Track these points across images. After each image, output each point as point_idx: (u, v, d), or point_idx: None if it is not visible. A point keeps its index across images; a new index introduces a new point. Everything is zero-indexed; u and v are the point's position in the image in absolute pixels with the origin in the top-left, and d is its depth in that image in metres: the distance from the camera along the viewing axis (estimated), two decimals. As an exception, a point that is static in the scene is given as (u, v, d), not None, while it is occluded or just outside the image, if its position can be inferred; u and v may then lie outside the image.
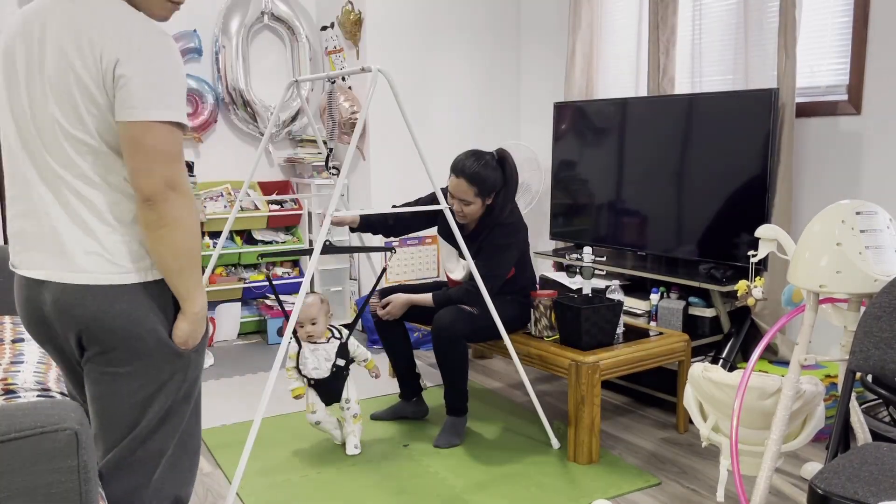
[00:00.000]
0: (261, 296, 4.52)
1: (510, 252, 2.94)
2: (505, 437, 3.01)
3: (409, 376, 3.19)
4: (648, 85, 3.73)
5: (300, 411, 3.29)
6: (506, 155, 2.96)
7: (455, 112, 4.62)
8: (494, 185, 2.89)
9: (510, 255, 2.94)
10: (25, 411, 1.28)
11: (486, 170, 2.87)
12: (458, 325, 2.84)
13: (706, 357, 3.22)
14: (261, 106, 4.52)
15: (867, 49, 2.98)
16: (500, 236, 2.93)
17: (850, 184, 3.08)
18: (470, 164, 2.88)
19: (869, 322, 1.81)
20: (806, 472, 2.59)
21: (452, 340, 2.84)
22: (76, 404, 1.33)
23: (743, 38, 3.38)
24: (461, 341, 2.87)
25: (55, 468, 1.27)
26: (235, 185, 4.56)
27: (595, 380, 2.72)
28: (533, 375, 3.76)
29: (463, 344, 2.89)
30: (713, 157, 3.25)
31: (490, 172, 2.88)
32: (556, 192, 4.03)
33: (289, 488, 2.61)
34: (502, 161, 2.94)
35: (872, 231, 1.92)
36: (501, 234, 2.93)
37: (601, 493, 2.53)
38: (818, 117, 3.16)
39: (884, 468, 1.64)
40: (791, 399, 2.03)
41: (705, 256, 3.30)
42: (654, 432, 3.06)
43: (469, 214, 2.95)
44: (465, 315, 2.88)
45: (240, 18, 4.42)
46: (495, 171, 2.90)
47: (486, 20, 4.67)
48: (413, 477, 2.68)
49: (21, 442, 1.25)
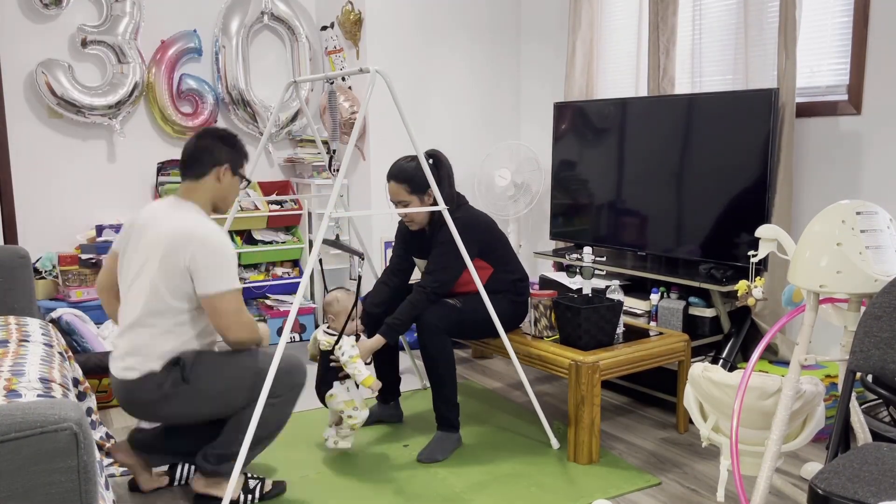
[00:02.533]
0: (261, 296, 4.52)
1: (454, 249, 2.81)
2: (505, 437, 3.01)
3: (391, 379, 3.14)
4: (648, 85, 3.73)
5: (300, 412, 3.30)
6: (436, 153, 2.97)
7: (455, 112, 4.62)
8: (424, 181, 2.82)
9: (454, 253, 2.82)
10: (25, 411, 1.28)
11: (411, 167, 2.88)
12: (443, 321, 2.80)
13: (706, 357, 3.22)
14: (260, 106, 4.52)
15: (867, 49, 2.98)
16: (442, 234, 2.87)
17: (851, 184, 3.08)
18: (397, 166, 2.92)
19: (869, 322, 1.81)
20: (806, 472, 2.59)
21: (436, 334, 2.78)
22: (76, 404, 1.33)
23: (743, 38, 3.38)
24: (445, 336, 2.81)
25: (55, 468, 1.27)
26: (235, 185, 4.56)
27: (595, 380, 2.72)
28: (533, 375, 3.76)
29: (448, 341, 2.82)
30: (713, 158, 3.25)
31: (416, 169, 2.85)
32: (556, 192, 4.03)
33: (288, 488, 2.61)
34: (435, 158, 2.94)
35: (873, 231, 1.92)
36: (444, 232, 2.85)
37: (601, 493, 2.53)
38: (818, 117, 3.16)
39: (884, 468, 1.64)
40: (791, 399, 2.03)
41: (705, 256, 3.30)
42: (654, 432, 3.06)
43: (412, 216, 2.94)
44: (449, 308, 2.85)
45: (240, 18, 4.42)
46: (422, 167, 2.79)
47: (486, 20, 4.67)
48: (413, 477, 2.68)
49: (21, 442, 1.25)
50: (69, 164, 4.21)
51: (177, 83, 4.36)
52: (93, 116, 4.11)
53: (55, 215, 4.20)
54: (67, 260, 3.84)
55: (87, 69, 4.17)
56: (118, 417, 3.26)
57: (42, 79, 3.96)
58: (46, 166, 4.15)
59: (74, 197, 4.24)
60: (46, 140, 4.14)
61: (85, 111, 4.06)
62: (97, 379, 3.29)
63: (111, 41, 4.10)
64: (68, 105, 4.01)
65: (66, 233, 4.22)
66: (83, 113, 4.07)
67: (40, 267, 3.93)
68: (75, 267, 3.84)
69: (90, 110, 4.07)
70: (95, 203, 4.30)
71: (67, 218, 4.23)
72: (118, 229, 4.04)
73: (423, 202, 2.91)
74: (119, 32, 4.10)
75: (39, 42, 4.05)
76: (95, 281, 3.85)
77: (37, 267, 3.92)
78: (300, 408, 3.32)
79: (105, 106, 4.10)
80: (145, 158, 4.40)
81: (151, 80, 4.27)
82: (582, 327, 2.81)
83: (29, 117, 4.08)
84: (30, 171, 4.11)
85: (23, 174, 4.09)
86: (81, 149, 4.24)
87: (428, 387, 3.55)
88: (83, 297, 3.85)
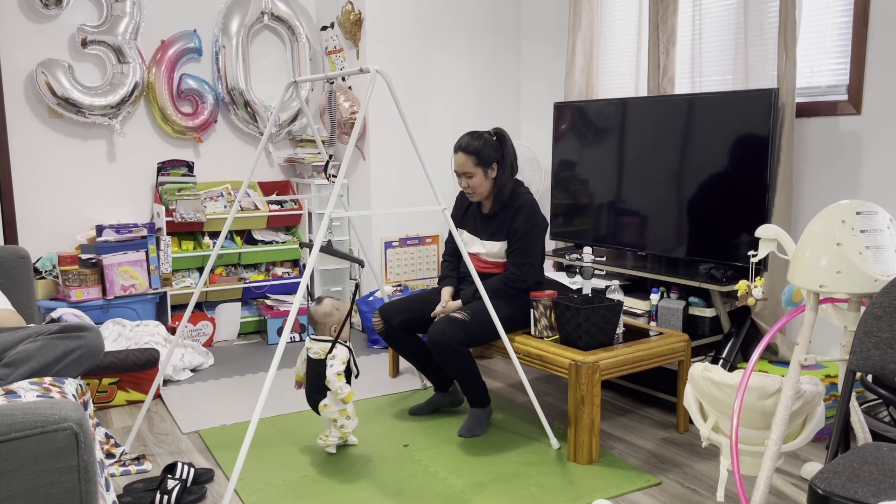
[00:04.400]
0: (261, 296, 4.52)
1: (536, 233, 3.06)
2: (505, 437, 3.01)
3: (436, 370, 3.23)
4: (648, 85, 3.73)
5: (300, 412, 3.30)
6: (502, 132, 3.12)
7: (455, 112, 4.62)
8: (491, 155, 3.04)
9: (538, 238, 3.06)
10: (25, 411, 1.28)
11: (481, 142, 3.04)
12: (453, 336, 2.88)
13: (706, 357, 3.22)
14: (261, 106, 4.52)
15: (867, 49, 2.98)
16: (522, 222, 3.05)
17: (850, 184, 3.08)
18: (465, 139, 3.07)
19: (869, 322, 1.81)
20: (806, 472, 2.60)
21: (451, 349, 2.88)
22: (76, 404, 1.33)
23: (743, 38, 3.38)
24: (458, 348, 2.89)
25: (55, 468, 1.27)
26: (235, 185, 4.57)
27: (595, 380, 2.72)
28: (533, 375, 3.76)
29: (463, 350, 2.91)
30: (713, 157, 3.25)
31: (485, 144, 3.04)
32: (556, 192, 4.03)
33: (288, 488, 2.61)
34: (500, 136, 3.10)
35: (872, 231, 1.92)
36: (523, 218, 3.05)
37: (601, 493, 2.53)
38: (818, 117, 3.17)
39: (884, 468, 1.64)
40: (791, 399, 2.03)
41: (705, 256, 3.30)
42: (654, 432, 3.06)
43: (474, 187, 3.07)
44: (458, 324, 2.91)
45: (240, 18, 4.43)
46: (491, 143, 3.05)
47: (486, 20, 4.67)
48: (413, 477, 2.68)
49: (21, 442, 1.25)
50: (69, 163, 4.21)
51: (177, 83, 4.36)
52: (93, 116, 4.11)
53: (55, 215, 4.20)
54: (67, 260, 3.84)
55: (87, 69, 4.17)
56: (118, 417, 3.26)
57: (42, 79, 3.96)
58: (46, 166, 4.15)
59: (74, 197, 4.24)
60: (46, 140, 4.14)
61: (85, 111, 4.06)
62: (97, 379, 3.30)
63: (111, 41, 4.10)
64: (68, 105, 4.02)
65: (66, 233, 4.22)
66: (83, 113, 4.07)
67: (40, 267, 3.94)
68: (75, 267, 3.85)
69: (90, 110, 4.07)
70: (95, 203, 4.30)
71: (67, 218, 4.23)
72: (118, 229, 4.04)
73: (486, 175, 3.05)
74: (119, 32, 4.10)
75: (39, 42, 4.05)
76: (97, 281, 3.86)
77: (37, 267, 3.92)
78: (300, 408, 3.32)
79: (105, 106, 4.10)
80: (145, 158, 4.40)
81: (151, 80, 4.27)
82: (582, 327, 2.81)
83: (29, 117, 4.09)
84: (30, 171, 4.11)
85: (23, 174, 4.09)
86: (81, 149, 4.24)
87: (428, 386, 3.56)
88: (83, 297, 3.85)
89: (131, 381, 3.37)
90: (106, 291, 3.92)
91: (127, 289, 3.97)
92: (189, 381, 3.70)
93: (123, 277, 3.96)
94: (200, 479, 2.62)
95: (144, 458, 2.77)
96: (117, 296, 3.94)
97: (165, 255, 4.12)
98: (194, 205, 4.21)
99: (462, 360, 2.91)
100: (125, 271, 3.96)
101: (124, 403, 3.39)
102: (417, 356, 3.22)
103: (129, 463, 2.74)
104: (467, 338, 2.91)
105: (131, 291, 3.99)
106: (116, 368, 3.32)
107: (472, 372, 2.96)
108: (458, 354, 2.89)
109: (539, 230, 3.08)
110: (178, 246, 4.30)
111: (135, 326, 3.77)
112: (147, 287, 4.04)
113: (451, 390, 3.28)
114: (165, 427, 3.16)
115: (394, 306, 3.17)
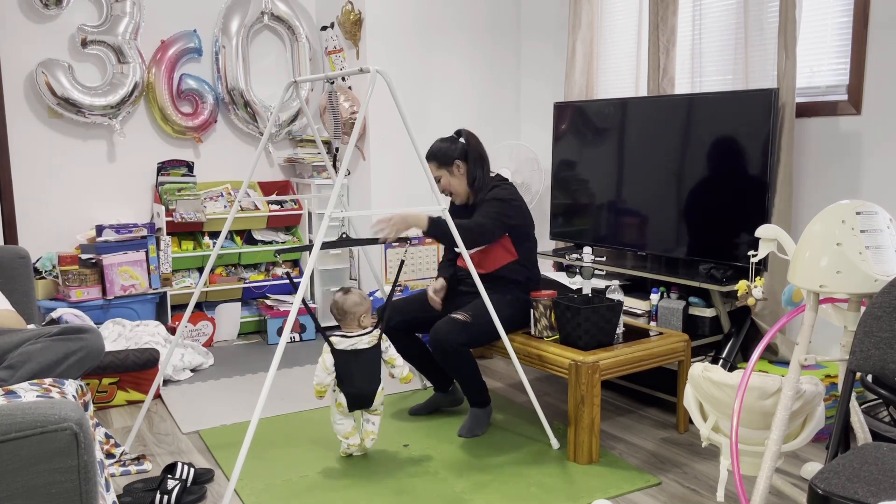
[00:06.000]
0: (261, 296, 4.52)
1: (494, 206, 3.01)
2: (505, 437, 3.01)
3: (436, 370, 3.24)
4: (648, 85, 3.73)
5: (300, 412, 3.30)
6: (462, 130, 3.15)
7: (455, 112, 4.62)
8: (449, 154, 3.08)
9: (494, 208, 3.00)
10: (25, 411, 1.28)
11: (440, 144, 3.12)
12: (455, 337, 2.87)
13: (706, 357, 3.22)
14: (260, 106, 4.52)
15: (867, 49, 2.98)
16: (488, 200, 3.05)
17: (850, 184, 3.08)
18: (430, 147, 3.15)
19: (869, 322, 1.81)
20: (806, 472, 2.59)
21: (452, 350, 2.88)
22: (76, 404, 1.33)
23: (743, 38, 3.38)
24: (460, 349, 2.89)
25: (55, 468, 1.27)
26: (235, 185, 4.57)
27: (595, 380, 2.72)
28: (533, 375, 3.76)
29: (465, 351, 2.91)
30: (713, 158, 3.25)
31: (443, 145, 3.11)
32: (556, 192, 4.03)
33: (288, 488, 2.61)
34: (459, 133, 3.14)
35: (872, 231, 1.92)
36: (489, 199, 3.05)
37: (601, 493, 2.53)
38: (818, 117, 3.16)
39: (884, 468, 1.64)
40: (791, 399, 2.03)
41: (705, 256, 3.30)
42: (654, 432, 3.06)
43: (447, 188, 3.13)
44: (460, 325, 2.90)
45: (240, 18, 4.43)
46: (450, 143, 3.10)
47: (486, 20, 4.67)
48: (413, 477, 2.68)
49: (21, 442, 1.25)
50: (69, 163, 4.21)
51: (177, 83, 4.36)
52: (93, 116, 4.11)
53: (55, 215, 4.20)
54: (67, 260, 3.84)
55: (87, 69, 4.17)
56: (118, 417, 3.26)
57: (42, 79, 3.96)
58: (46, 166, 4.15)
59: (74, 197, 4.24)
60: (46, 140, 4.14)
61: (85, 111, 4.06)
62: (97, 379, 3.30)
63: (111, 41, 4.10)
64: (68, 105, 4.02)
65: (66, 233, 4.22)
66: (83, 113, 4.07)
67: (40, 267, 3.94)
68: (75, 267, 3.85)
69: (90, 110, 4.07)
70: (95, 203, 4.30)
71: (67, 218, 4.23)
72: (118, 229, 4.04)
73: (452, 174, 3.10)
74: (119, 32, 4.10)
75: (39, 42, 4.05)
76: (97, 281, 3.86)
77: (37, 267, 3.92)
78: (300, 408, 3.32)
79: (105, 106, 4.10)
80: (145, 158, 4.40)
81: (151, 80, 4.27)
82: (582, 327, 2.81)
83: (29, 117, 4.09)
84: (30, 171, 4.11)
85: (23, 174, 4.10)
86: (81, 149, 4.24)
87: (428, 386, 3.56)
88: (83, 296, 3.85)
89: (131, 381, 3.37)
90: (106, 291, 3.92)
91: (127, 289, 3.97)
92: (189, 381, 3.70)
93: (123, 277, 3.96)
94: (200, 479, 2.62)
95: (144, 458, 2.77)
96: (117, 296, 3.94)
97: (165, 255, 4.12)
98: (194, 205, 4.21)
99: (463, 361, 2.91)
100: (125, 271, 3.96)
101: (124, 403, 3.40)
102: (417, 356, 3.22)
103: (129, 463, 2.74)
104: (468, 338, 2.91)
105: (131, 291, 3.99)
106: (116, 368, 3.32)
107: (472, 372, 2.96)
108: (459, 355, 2.89)
109: (499, 204, 3.01)
110: (178, 246, 4.30)
111: (135, 326, 3.77)
112: (147, 287, 4.04)
113: (451, 390, 3.29)
114: (165, 427, 3.16)
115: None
